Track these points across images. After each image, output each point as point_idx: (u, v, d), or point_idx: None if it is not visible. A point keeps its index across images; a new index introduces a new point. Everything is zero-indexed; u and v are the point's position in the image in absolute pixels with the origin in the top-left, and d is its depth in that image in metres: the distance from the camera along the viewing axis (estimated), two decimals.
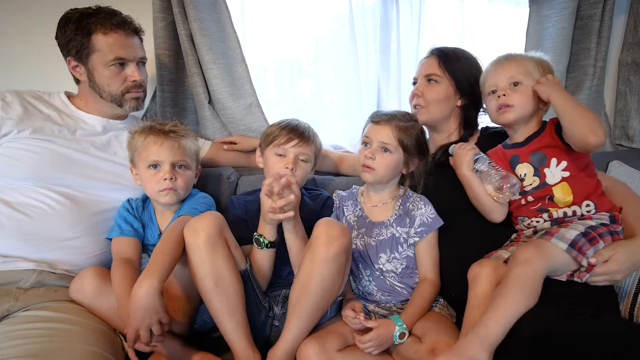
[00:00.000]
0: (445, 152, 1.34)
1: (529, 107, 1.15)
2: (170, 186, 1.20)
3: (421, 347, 1.02)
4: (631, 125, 1.95)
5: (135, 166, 1.25)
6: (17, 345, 0.92)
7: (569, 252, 0.98)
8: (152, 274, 0.98)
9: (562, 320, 0.93)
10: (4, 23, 1.58)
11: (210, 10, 1.56)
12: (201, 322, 1.19)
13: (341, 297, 1.17)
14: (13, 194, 1.16)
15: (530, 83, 1.15)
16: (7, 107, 1.22)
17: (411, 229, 1.21)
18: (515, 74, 1.16)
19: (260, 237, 1.12)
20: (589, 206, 1.11)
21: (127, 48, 1.27)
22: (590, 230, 1.03)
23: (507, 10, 2.00)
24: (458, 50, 1.38)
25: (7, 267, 1.10)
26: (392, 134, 1.19)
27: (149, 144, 1.20)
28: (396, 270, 1.20)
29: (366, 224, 1.25)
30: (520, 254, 0.99)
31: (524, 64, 1.17)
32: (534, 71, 1.16)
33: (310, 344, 1.03)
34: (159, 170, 1.21)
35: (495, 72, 1.19)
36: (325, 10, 1.82)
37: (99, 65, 1.26)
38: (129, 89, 1.30)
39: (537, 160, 1.15)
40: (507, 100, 1.15)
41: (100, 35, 1.24)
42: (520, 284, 0.95)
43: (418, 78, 1.40)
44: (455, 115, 1.39)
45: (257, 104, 1.64)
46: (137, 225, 1.23)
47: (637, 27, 1.92)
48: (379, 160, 1.20)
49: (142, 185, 1.25)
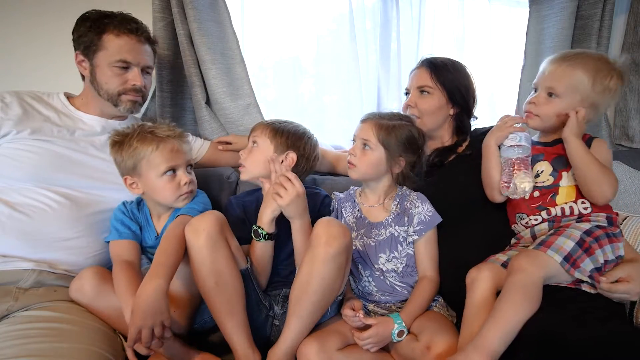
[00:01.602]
0: (439, 154, 1.37)
1: (553, 122, 1.14)
2: (191, 189, 1.21)
3: (417, 345, 1.02)
4: (631, 125, 1.95)
5: (139, 175, 1.18)
6: (16, 345, 0.92)
7: (562, 265, 0.98)
8: (158, 274, 0.98)
9: (571, 324, 0.92)
10: (4, 23, 1.58)
11: (210, 11, 1.56)
12: (201, 322, 1.18)
13: (341, 296, 1.17)
14: (13, 194, 1.16)
15: (567, 100, 1.11)
16: (6, 108, 1.22)
17: (410, 228, 1.21)
18: (556, 86, 1.12)
19: (259, 228, 1.14)
20: (584, 203, 1.11)
21: (134, 53, 1.28)
22: (586, 237, 1.02)
23: (507, 10, 2.01)
24: (448, 60, 1.39)
25: (7, 267, 1.10)
26: (371, 131, 1.20)
27: (163, 152, 1.16)
28: (397, 269, 1.20)
29: (365, 225, 1.25)
30: (517, 263, 0.99)
31: (573, 74, 1.10)
32: (582, 85, 1.10)
33: (311, 344, 1.03)
34: (175, 175, 1.19)
35: (543, 73, 1.15)
36: (325, 10, 1.82)
37: (103, 63, 1.26)
38: (127, 91, 1.29)
39: (561, 163, 1.14)
40: (534, 109, 1.15)
41: (112, 36, 1.25)
42: (518, 291, 0.95)
43: (410, 89, 1.41)
44: (449, 124, 1.41)
45: (255, 105, 1.64)
46: (134, 227, 1.22)
47: (637, 27, 1.92)
48: (359, 157, 1.21)
49: (149, 193, 1.20)
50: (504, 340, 0.91)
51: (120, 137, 1.18)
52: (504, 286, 0.98)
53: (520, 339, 0.91)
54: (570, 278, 1.01)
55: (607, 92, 1.11)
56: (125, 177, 1.20)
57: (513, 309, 0.93)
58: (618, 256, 1.06)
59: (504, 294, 0.96)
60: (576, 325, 0.91)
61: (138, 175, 1.18)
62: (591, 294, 1.01)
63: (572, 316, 0.94)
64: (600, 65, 1.11)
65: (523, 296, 0.94)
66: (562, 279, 1.02)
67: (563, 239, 1.01)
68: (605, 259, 1.02)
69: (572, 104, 1.11)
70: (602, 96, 1.11)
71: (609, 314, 0.97)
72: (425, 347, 1.00)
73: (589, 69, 1.10)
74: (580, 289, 1.02)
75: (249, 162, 1.28)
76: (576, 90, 1.11)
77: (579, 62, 1.11)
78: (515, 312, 0.93)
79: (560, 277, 1.01)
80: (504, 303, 0.95)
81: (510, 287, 0.96)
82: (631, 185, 1.62)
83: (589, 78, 1.09)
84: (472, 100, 1.40)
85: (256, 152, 1.27)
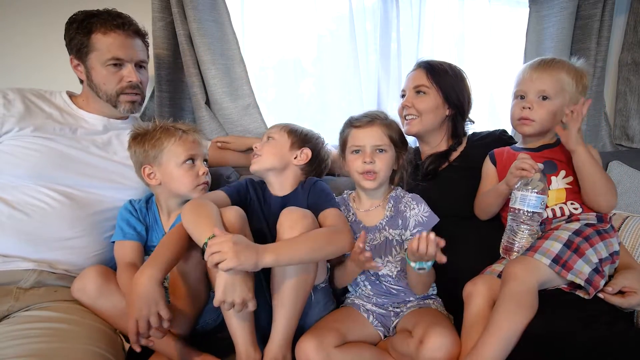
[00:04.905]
0: (433, 161, 1.37)
1: (550, 124, 1.17)
2: (207, 180, 1.25)
3: (412, 340, 1.03)
4: (631, 125, 1.96)
5: (160, 164, 1.22)
6: (17, 345, 0.92)
7: (552, 267, 0.97)
8: (151, 265, 0.99)
9: (577, 326, 0.91)
10: (6, 23, 1.58)
11: (210, 11, 1.56)
12: (203, 323, 1.18)
13: (324, 283, 1.17)
14: (13, 193, 1.16)
15: (559, 101, 1.16)
16: (8, 105, 1.22)
17: (407, 232, 1.20)
18: (548, 89, 1.16)
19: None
20: (574, 204, 1.12)
21: (125, 49, 1.27)
22: (575, 237, 1.02)
23: (507, 10, 2.01)
24: (444, 63, 1.41)
25: (7, 267, 1.10)
26: (382, 133, 1.21)
27: (185, 142, 1.23)
28: (392, 274, 1.20)
29: (360, 229, 1.24)
30: (509, 271, 0.99)
31: (560, 77, 1.16)
32: (568, 87, 1.16)
33: (309, 340, 1.03)
34: (194, 165, 1.23)
35: (528, 80, 1.19)
36: (325, 10, 1.82)
37: (97, 64, 1.26)
38: (124, 90, 1.29)
39: (549, 167, 1.15)
40: (530, 114, 1.17)
41: (100, 34, 1.25)
42: (512, 299, 0.95)
43: (407, 90, 1.41)
44: (444, 125, 1.42)
45: (254, 105, 1.64)
46: (140, 228, 1.22)
47: (637, 27, 1.93)
48: (378, 163, 1.20)
49: (165, 182, 1.22)
50: (501, 351, 0.91)
51: (142, 129, 1.25)
52: (498, 296, 0.98)
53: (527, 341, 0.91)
54: (564, 281, 1.01)
55: (584, 90, 1.19)
56: (144, 167, 1.23)
57: (507, 318, 0.93)
58: (612, 252, 1.05)
59: (498, 304, 0.97)
60: (583, 326, 0.91)
61: (158, 164, 1.22)
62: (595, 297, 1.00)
63: (579, 318, 0.94)
64: (572, 68, 1.19)
65: (517, 304, 0.94)
66: (557, 283, 1.01)
67: (550, 242, 1.01)
68: (599, 257, 1.02)
69: (563, 103, 1.16)
70: (581, 94, 1.18)
71: (614, 317, 0.97)
72: (419, 341, 1.00)
73: (570, 71, 1.17)
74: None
75: (265, 152, 1.24)
76: (564, 91, 1.16)
77: (560, 66, 1.18)
78: (509, 321, 0.93)
79: (555, 281, 1.01)
80: (498, 314, 0.95)
81: (503, 296, 0.96)
82: (631, 185, 1.63)
83: (572, 79, 1.17)
84: (468, 103, 1.41)
85: (272, 144, 1.25)
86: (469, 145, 1.40)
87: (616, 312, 1.00)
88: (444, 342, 0.98)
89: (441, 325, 1.03)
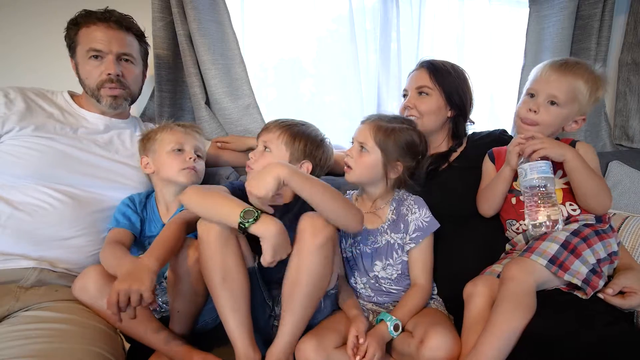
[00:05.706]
0: (433, 162, 1.35)
1: (553, 128, 1.15)
2: (193, 165, 1.28)
3: (412, 341, 1.03)
4: (631, 125, 1.95)
5: (154, 153, 1.29)
6: (17, 345, 0.92)
7: (548, 268, 0.97)
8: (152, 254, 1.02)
9: (577, 327, 0.91)
10: (7, 22, 1.58)
11: (210, 11, 1.56)
12: (203, 322, 1.19)
13: (334, 290, 1.16)
14: (14, 192, 1.16)
15: (567, 110, 1.13)
16: (10, 104, 1.23)
17: (406, 236, 1.19)
18: (559, 95, 1.12)
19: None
20: (572, 205, 1.11)
21: (104, 41, 1.26)
22: (573, 238, 1.02)
23: (507, 10, 2.01)
24: (447, 63, 1.39)
25: (8, 265, 1.10)
26: (369, 133, 1.18)
27: (175, 132, 1.30)
28: (391, 277, 1.20)
29: (361, 232, 1.23)
30: (507, 272, 0.99)
31: (576, 85, 1.11)
32: (581, 96, 1.12)
33: (309, 341, 1.03)
34: (183, 153, 1.28)
35: (544, 80, 1.14)
36: (325, 10, 1.82)
37: (81, 58, 1.28)
38: (104, 83, 1.28)
39: None
40: (535, 118, 1.15)
41: (84, 29, 1.27)
42: (510, 300, 0.95)
43: (409, 90, 1.40)
44: (446, 127, 1.41)
45: (254, 105, 1.65)
46: (135, 219, 1.24)
47: (637, 27, 1.92)
48: (355, 159, 1.19)
49: (157, 170, 1.29)
50: (501, 351, 0.91)
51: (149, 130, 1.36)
52: (497, 297, 0.98)
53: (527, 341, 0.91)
54: (561, 282, 1.01)
55: (596, 102, 1.15)
56: (142, 157, 1.32)
57: (505, 319, 0.93)
58: (611, 253, 1.05)
59: (496, 305, 0.97)
60: (582, 327, 0.91)
61: (152, 153, 1.30)
62: (595, 297, 1.00)
63: (578, 318, 0.94)
64: (593, 77, 1.13)
65: (514, 305, 0.94)
66: (555, 284, 1.01)
67: (547, 243, 1.01)
68: (597, 258, 1.02)
69: (571, 114, 1.14)
70: (592, 106, 1.15)
71: (613, 317, 0.97)
72: (419, 342, 1.00)
73: (588, 80, 1.12)
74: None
75: (259, 167, 1.18)
76: (576, 100, 1.13)
77: (580, 73, 1.12)
78: (508, 321, 0.93)
79: (553, 282, 1.01)
80: (497, 314, 0.95)
81: (501, 297, 0.97)
82: (631, 185, 1.62)
83: (587, 89, 1.12)
84: (469, 104, 1.40)
85: (269, 158, 1.18)
86: (469, 146, 1.40)
87: (616, 313, 1.00)
88: (445, 342, 0.98)
89: (442, 325, 1.03)
